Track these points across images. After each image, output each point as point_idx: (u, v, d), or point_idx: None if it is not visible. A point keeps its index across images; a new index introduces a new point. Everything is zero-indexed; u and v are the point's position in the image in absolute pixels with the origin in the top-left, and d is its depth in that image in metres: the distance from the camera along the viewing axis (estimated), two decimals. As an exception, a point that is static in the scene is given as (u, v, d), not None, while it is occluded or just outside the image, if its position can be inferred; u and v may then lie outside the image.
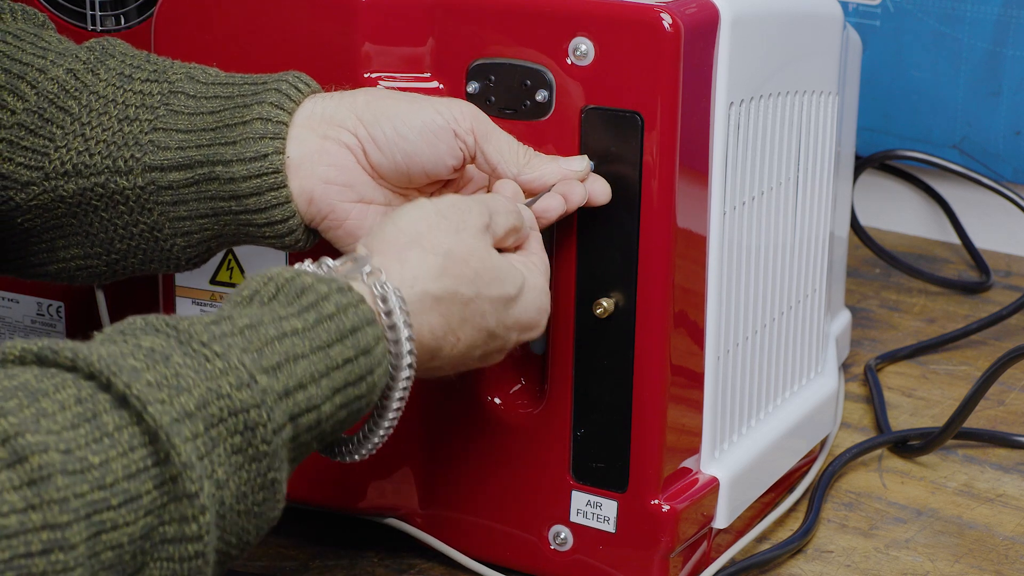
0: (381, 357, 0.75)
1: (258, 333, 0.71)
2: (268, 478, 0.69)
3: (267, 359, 0.70)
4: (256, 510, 0.70)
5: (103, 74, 0.88)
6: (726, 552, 0.98)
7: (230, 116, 0.85)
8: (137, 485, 0.64)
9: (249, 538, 0.70)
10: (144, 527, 0.65)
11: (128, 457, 0.64)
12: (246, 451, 0.68)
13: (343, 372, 0.73)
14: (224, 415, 0.68)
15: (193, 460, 0.65)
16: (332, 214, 0.86)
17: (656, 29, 0.85)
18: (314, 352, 0.72)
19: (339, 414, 0.73)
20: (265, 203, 0.85)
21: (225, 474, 0.68)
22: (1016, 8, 1.45)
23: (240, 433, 0.68)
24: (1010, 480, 1.10)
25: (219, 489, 0.67)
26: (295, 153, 0.85)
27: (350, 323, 0.74)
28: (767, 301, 1.00)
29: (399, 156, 0.86)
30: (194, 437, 0.66)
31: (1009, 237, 1.54)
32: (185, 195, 0.86)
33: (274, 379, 0.70)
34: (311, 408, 0.71)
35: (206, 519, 0.66)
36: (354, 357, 0.73)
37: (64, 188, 0.87)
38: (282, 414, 0.70)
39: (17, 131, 0.87)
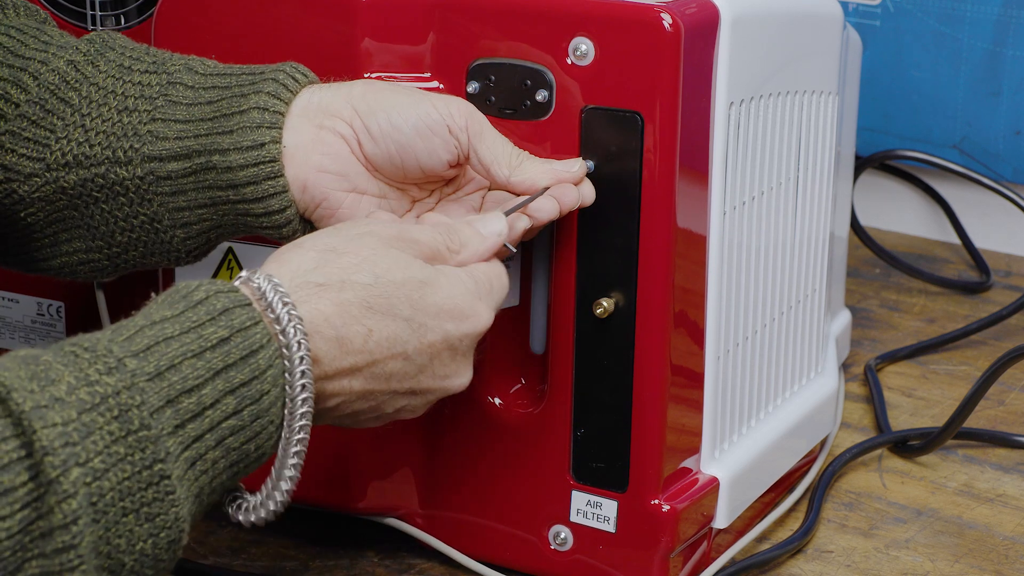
0: (263, 340, 0.72)
1: (127, 326, 0.70)
2: (155, 471, 0.67)
3: (136, 344, 0.69)
4: (145, 511, 0.67)
5: (103, 66, 0.88)
6: (726, 552, 0.98)
7: (227, 106, 0.86)
8: (11, 476, 0.63)
9: (143, 547, 0.67)
10: (22, 520, 0.63)
11: (1, 447, 0.63)
12: (125, 439, 0.66)
13: (219, 353, 0.71)
14: (96, 400, 0.66)
15: (56, 446, 0.64)
16: (325, 202, 0.86)
17: (656, 29, 0.85)
18: (185, 333, 0.71)
19: (227, 403, 0.71)
20: (262, 192, 0.85)
21: (104, 464, 0.65)
22: (1016, 8, 1.45)
23: (115, 419, 0.66)
24: (1010, 480, 1.10)
25: (96, 479, 0.65)
26: (291, 142, 0.85)
27: (221, 304, 0.72)
28: (767, 301, 1.00)
29: (393, 148, 0.86)
30: (64, 423, 0.64)
31: (1009, 237, 1.54)
32: (183, 185, 0.86)
33: (144, 361, 0.68)
34: (188, 390, 0.69)
35: (71, 507, 0.64)
36: (229, 336, 0.71)
37: (65, 179, 0.87)
38: (156, 396, 0.68)
39: (20, 122, 0.88)
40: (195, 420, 0.70)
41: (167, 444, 0.68)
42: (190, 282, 0.74)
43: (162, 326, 0.71)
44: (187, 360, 0.70)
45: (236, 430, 0.72)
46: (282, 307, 0.74)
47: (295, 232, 0.87)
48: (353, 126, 0.86)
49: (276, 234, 0.87)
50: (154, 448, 0.67)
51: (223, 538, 1.01)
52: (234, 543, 1.00)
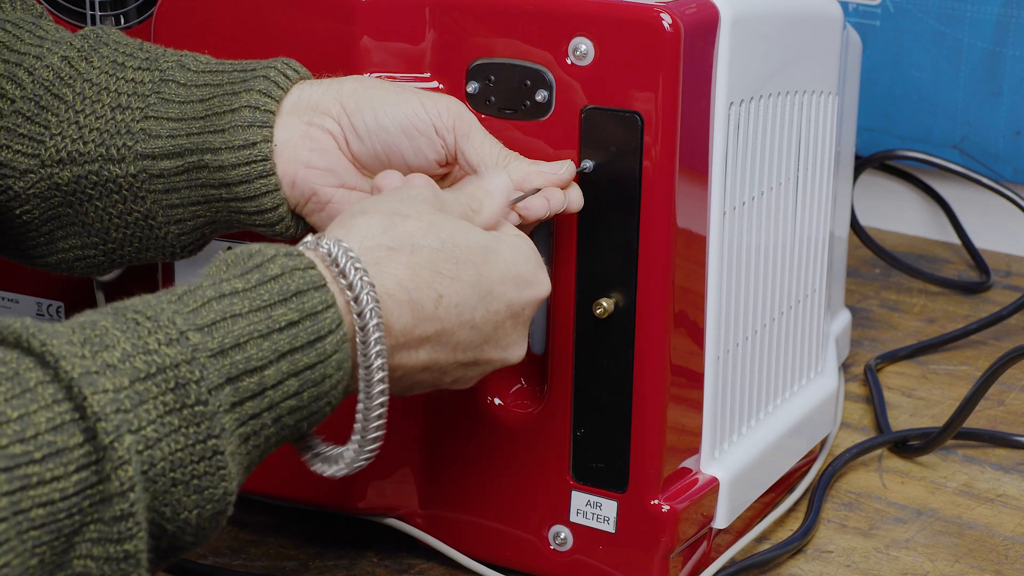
0: (332, 324, 0.72)
1: (195, 295, 0.70)
2: (208, 446, 0.67)
3: (201, 318, 0.68)
4: (195, 483, 0.67)
5: (96, 62, 0.88)
6: (726, 552, 0.98)
7: (219, 104, 0.86)
8: (64, 438, 0.62)
9: (188, 516, 0.67)
10: (79, 483, 0.63)
11: (52, 410, 0.62)
12: (180, 411, 0.66)
13: (286, 335, 0.70)
14: (151, 371, 0.66)
15: (107, 412, 0.63)
16: (314, 197, 0.86)
17: (656, 29, 0.85)
18: (254, 312, 0.70)
19: (289, 384, 0.70)
20: (254, 191, 0.85)
21: (156, 433, 0.65)
22: (1016, 8, 1.45)
23: (172, 391, 0.66)
24: (1010, 480, 1.10)
25: (148, 448, 0.65)
26: (280, 139, 0.85)
27: (295, 285, 0.71)
28: (767, 301, 1.00)
29: (379, 146, 0.86)
30: (116, 390, 0.64)
31: (1009, 237, 1.54)
32: (176, 183, 0.86)
33: (208, 336, 0.68)
34: (251, 371, 0.69)
35: (127, 474, 0.63)
36: (299, 320, 0.71)
37: (59, 176, 0.87)
38: (217, 373, 0.67)
39: (15, 119, 0.88)
40: (254, 399, 0.69)
41: (223, 420, 0.68)
42: (266, 248, 0.73)
43: (231, 300, 0.70)
44: (253, 340, 0.69)
45: (294, 410, 0.71)
46: (355, 273, 0.73)
47: (288, 229, 0.87)
48: (341, 123, 0.86)
49: (269, 231, 0.87)
50: (209, 424, 0.67)
51: (223, 538, 1.01)
52: (234, 543, 1.00)
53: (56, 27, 0.92)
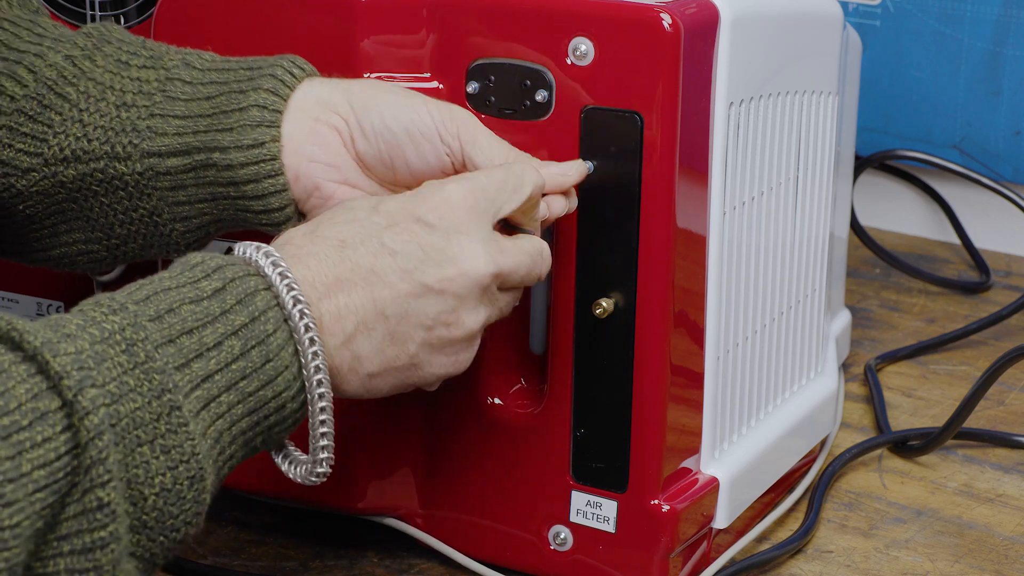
0: (257, 285, 0.75)
1: (128, 285, 0.73)
2: (164, 401, 0.69)
3: (136, 295, 0.72)
4: (160, 443, 0.69)
5: (100, 60, 0.88)
6: (726, 552, 0.98)
7: (226, 102, 0.86)
8: (45, 403, 0.65)
9: (162, 480, 0.69)
10: (68, 441, 0.65)
11: (28, 383, 0.65)
12: (132, 371, 0.69)
13: (216, 300, 0.73)
14: (104, 335, 0.69)
15: (69, 370, 0.66)
16: (317, 192, 0.87)
17: (656, 29, 0.85)
18: (182, 287, 0.73)
19: (231, 344, 0.73)
20: (263, 190, 0.86)
21: (118, 390, 0.68)
22: (1016, 8, 1.45)
23: (124, 352, 0.69)
24: (1010, 480, 1.10)
25: (113, 403, 0.67)
26: (286, 134, 0.86)
27: (215, 263, 0.75)
28: (767, 301, 1.00)
29: (383, 147, 0.86)
30: (77, 352, 0.67)
31: (1009, 237, 1.54)
32: (183, 181, 0.87)
33: (144, 306, 0.71)
34: (188, 331, 0.71)
35: (93, 422, 0.66)
36: (223, 287, 0.74)
37: (64, 174, 0.87)
38: (159, 334, 0.71)
39: (17, 117, 0.88)
40: (199, 360, 0.71)
41: (174, 378, 0.70)
42: (190, 254, 0.76)
43: (160, 281, 0.74)
44: (185, 305, 0.72)
45: (248, 372, 0.73)
46: (251, 247, 0.76)
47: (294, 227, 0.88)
48: (348, 121, 0.86)
49: (275, 230, 0.88)
50: (161, 379, 0.69)
51: (223, 538, 1.01)
52: (234, 543, 1.00)
53: (54, 24, 0.92)
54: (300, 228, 0.80)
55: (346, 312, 0.77)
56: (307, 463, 0.78)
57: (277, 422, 0.76)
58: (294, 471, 0.79)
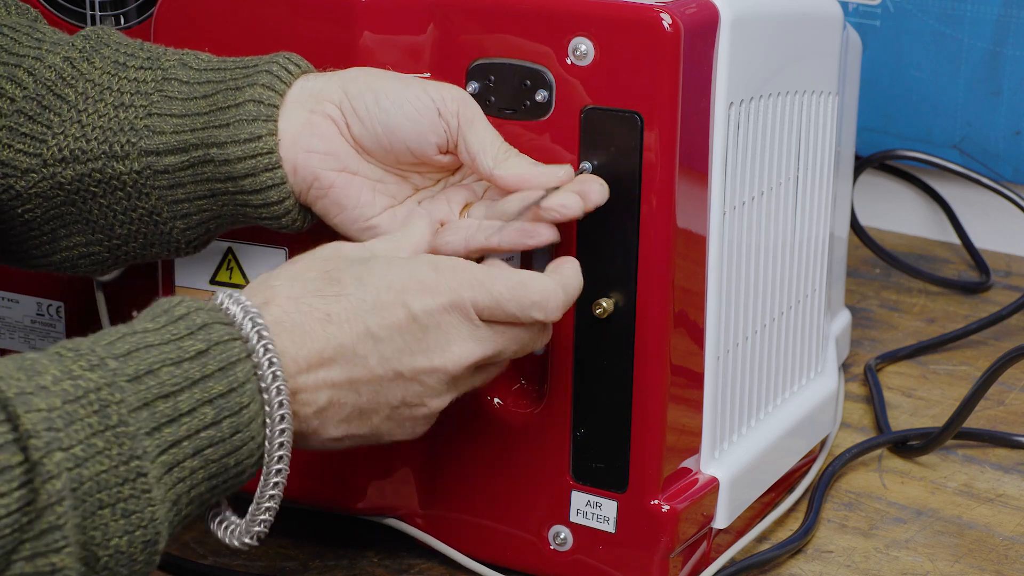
0: (240, 353, 0.74)
1: (110, 333, 0.72)
2: (131, 467, 0.69)
3: (117, 348, 0.71)
4: (122, 506, 0.68)
5: (98, 62, 0.89)
6: (726, 552, 0.98)
7: (223, 99, 0.86)
8: (7, 456, 0.65)
9: (119, 543, 0.68)
10: (20, 499, 0.65)
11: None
12: (103, 433, 0.68)
13: (197, 364, 0.72)
14: (79, 393, 0.68)
15: (39, 429, 0.65)
16: (316, 182, 0.87)
17: (656, 29, 0.85)
18: (164, 344, 0.72)
19: (205, 412, 0.72)
20: (260, 184, 0.86)
21: (84, 452, 0.67)
22: (1016, 8, 1.45)
23: (95, 413, 0.68)
24: (1010, 480, 1.10)
25: (77, 466, 0.67)
26: (283, 128, 0.86)
27: (201, 320, 0.74)
28: (767, 301, 1.00)
29: (380, 129, 0.86)
30: (48, 410, 0.66)
31: (1009, 237, 1.54)
32: (181, 178, 0.87)
33: (124, 363, 0.70)
34: (165, 395, 0.71)
35: (55, 487, 0.65)
36: (207, 349, 0.73)
37: (62, 175, 0.88)
38: (135, 397, 0.70)
39: (16, 118, 0.88)
40: (171, 425, 0.71)
41: (144, 443, 0.69)
42: (172, 298, 0.75)
43: (143, 335, 0.72)
44: (165, 367, 0.72)
45: (216, 441, 0.73)
46: (238, 307, 0.75)
47: (294, 222, 0.88)
48: (342, 108, 0.86)
49: (275, 224, 0.88)
50: (131, 444, 0.69)
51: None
52: (234, 543, 1.00)
53: (53, 30, 0.92)
54: (286, 288, 0.78)
55: (322, 386, 0.78)
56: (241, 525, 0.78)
57: (233, 485, 0.76)
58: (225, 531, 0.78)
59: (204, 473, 0.73)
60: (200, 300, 0.75)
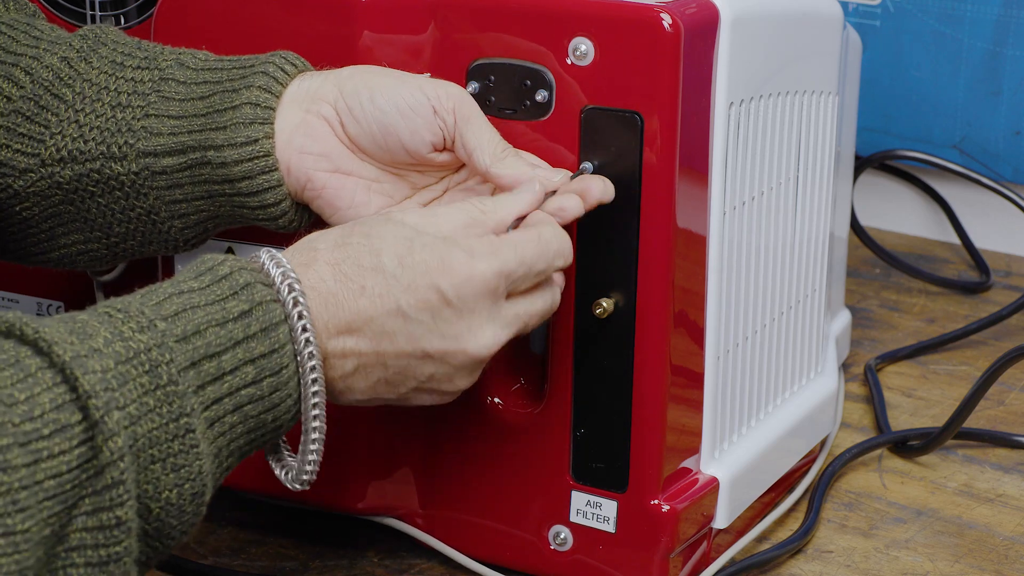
0: (282, 315, 0.76)
1: (156, 292, 0.74)
2: (181, 424, 0.71)
3: (165, 309, 0.73)
4: (172, 461, 0.70)
5: (95, 62, 0.89)
6: (726, 552, 0.98)
7: (220, 101, 0.86)
8: (67, 415, 0.67)
9: (169, 496, 0.71)
10: (80, 456, 0.67)
11: (52, 392, 0.67)
12: (154, 392, 0.70)
13: (240, 325, 0.74)
14: (129, 354, 0.70)
15: (98, 390, 0.67)
16: (309, 183, 0.87)
17: (656, 29, 0.85)
18: (210, 305, 0.74)
19: (246, 371, 0.74)
20: (257, 186, 0.86)
21: (137, 411, 0.69)
22: (1016, 8, 1.45)
23: (147, 373, 0.70)
24: (1010, 480, 1.10)
25: (132, 424, 0.69)
26: (278, 128, 0.86)
27: (243, 279, 0.75)
28: (767, 301, 1.00)
29: (375, 127, 0.86)
30: (104, 371, 0.68)
31: (1009, 237, 1.54)
32: (179, 179, 0.87)
33: (172, 324, 0.72)
34: (211, 355, 0.73)
35: (117, 445, 0.67)
36: (250, 309, 0.75)
37: (60, 175, 0.88)
38: (183, 357, 0.72)
39: (14, 118, 0.88)
40: (215, 383, 0.73)
41: (191, 401, 0.71)
42: (216, 255, 0.77)
43: (189, 296, 0.74)
44: (211, 328, 0.73)
45: (255, 399, 0.75)
46: (277, 270, 0.77)
47: (291, 223, 0.88)
48: (336, 107, 0.87)
49: (273, 225, 0.88)
50: (180, 403, 0.71)
51: (223, 538, 1.01)
52: (234, 543, 1.00)
53: (51, 27, 0.92)
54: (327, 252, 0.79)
55: (350, 353, 0.79)
56: (295, 467, 0.80)
57: (271, 438, 0.78)
58: (284, 475, 0.81)
59: (243, 428, 0.75)
60: (242, 259, 0.77)
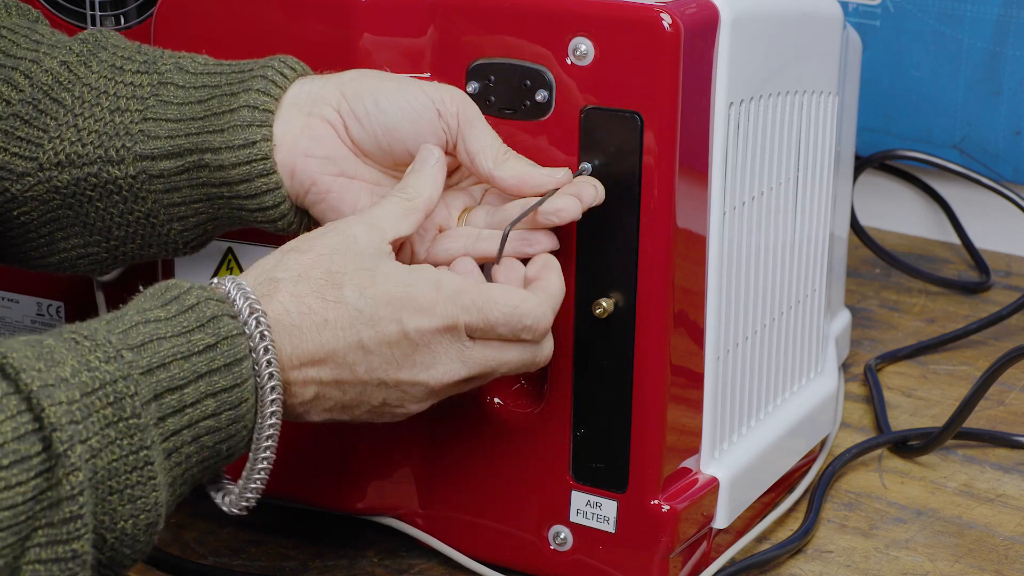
0: (246, 350, 0.76)
1: (122, 320, 0.74)
2: (140, 456, 0.71)
3: (131, 339, 0.73)
4: (129, 492, 0.71)
5: (95, 66, 0.89)
6: (726, 552, 0.98)
7: (218, 104, 0.86)
8: (27, 446, 0.66)
9: (124, 526, 0.71)
10: (36, 488, 0.66)
11: (16, 420, 0.67)
12: (116, 424, 0.70)
13: (204, 358, 0.74)
14: (96, 385, 0.70)
15: (63, 422, 0.67)
16: (314, 187, 0.87)
17: (656, 29, 0.85)
18: (176, 336, 0.74)
19: (207, 404, 0.74)
20: (255, 189, 0.86)
21: (98, 443, 0.69)
22: (1016, 8, 1.45)
23: (111, 405, 0.70)
24: (1010, 480, 1.10)
25: (93, 456, 0.69)
26: (279, 131, 0.86)
27: (210, 312, 0.75)
28: (767, 301, 1.00)
29: (379, 131, 0.86)
30: (69, 402, 0.68)
31: (1009, 237, 1.54)
32: (177, 182, 0.87)
33: (138, 355, 0.72)
34: (173, 388, 0.73)
35: (78, 479, 0.67)
36: (215, 343, 0.75)
37: (58, 179, 0.88)
38: (147, 389, 0.72)
39: (12, 122, 0.88)
40: (175, 416, 0.73)
41: (152, 434, 0.72)
42: (181, 282, 0.77)
43: (156, 326, 0.74)
44: (176, 361, 0.73)
45: (212, 430, 0.75)
46: (244, 302, 0.77)
47: (290, 225, 0.88)
48: (340, 110, 0.86)
49: (272, 227, 0.88)
50: (142, 436, 0.71)
51: (223, 538, 1.01)
52: (234, 543, 1.00)
53: (52, 31, 0.92)
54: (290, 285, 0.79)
55: (311, 382, 0.80)
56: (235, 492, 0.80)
57: (223, 465, 0.78)
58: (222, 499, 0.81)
59: (198, 457, 0.75)
60: (207, 287, 0.77)
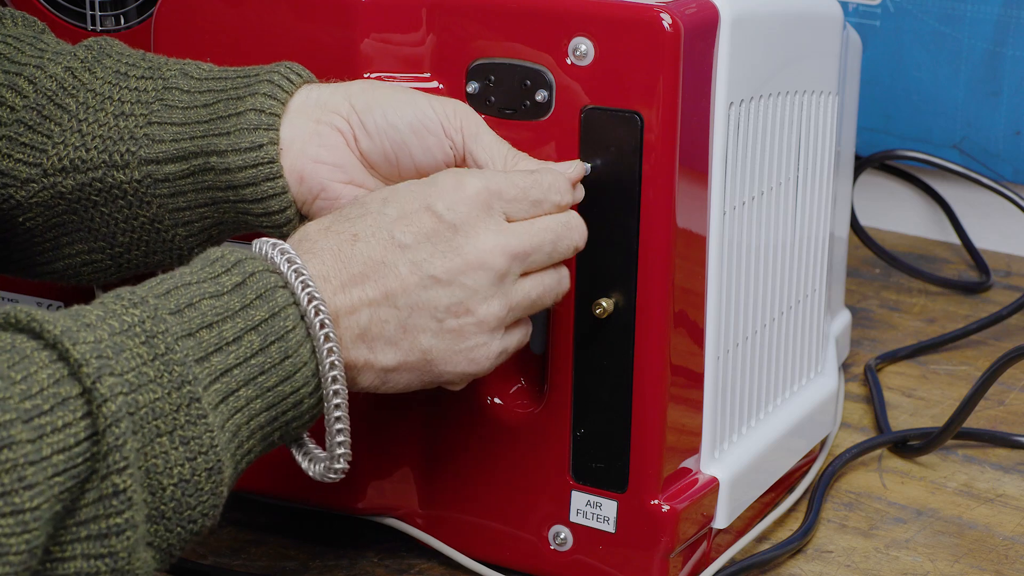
0: (278, 281, 0.76)
1: (148, 281, 0.74)
2: (184, 392, 0.70)
3: (157, 288, 0.73)
4: (179, 433, 0.70)
5: (100, 72, 0.89)
6: (726, 552, 0.98)
7: (224, 108, 0.86)
8: (66, 388, 0.67)
9: (181, 470, 0.70)
10: (87, 428, 0.67)
11: (50, 368, 0.67)
12: (152, 363, 0.70)
13: (236, 296, 0.74)
14: (124, 327, 0.70)
15: (88, 358, 0.67)
16: (324, 193, 0.87)
17: (656, 29, 0.85)
18: (202, 282, 0.74)
19: (250, 339, 0.73)
20: (261, 193, 0.86)
21: (136, 379, 0.69)
22: (1016, 8, 1.45)
23: (144, 344, 0.70)
24: (1010, 480, 1.10)
25: (132, 391, 0.68)
26: (287, 135, 0.86)
27: (235, 257, 0.76)
28: (767, 301, 1.00)
29: (388, 145, 0.86)
30: (96, 342, 0.68)
31: (1009, 237, 1.54)
32: (182, 186, 0.87)
33: (165, 300, 0.73)
34: (208, 325, 0.73)
35: (111, 409, 0.67)
36: (243, 281, 0.75)
37: (63, 184, 0.87)
38: (179, 327, 0.71)
39: (17, 128, 0.88)
40: (219, 354, 0.73)
41: (194, 370, 0.71)
42: (210, 248, 0.78)
43: (181, 276, 0.74)
44: (205, 300, 0.73)
45: (267, 368, 0.74)
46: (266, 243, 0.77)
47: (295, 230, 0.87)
48: (350, 121, 0.86)
49: (277, 233, 0.88)
50: (181, 371, 0.70)
51: (223, 538, 1.01)
52: (234, 543, 1.00)
53: (57, 40, 0.92)
54: (316, 223, 0.80)
55: (359, 305, 0.78)
56: (325, 460, 0.79)
57: (295, 417, 0.77)
58: (313, 468, 0.80)
59: (261, 403, 0.74)
60: (228, 245, 0.77)
